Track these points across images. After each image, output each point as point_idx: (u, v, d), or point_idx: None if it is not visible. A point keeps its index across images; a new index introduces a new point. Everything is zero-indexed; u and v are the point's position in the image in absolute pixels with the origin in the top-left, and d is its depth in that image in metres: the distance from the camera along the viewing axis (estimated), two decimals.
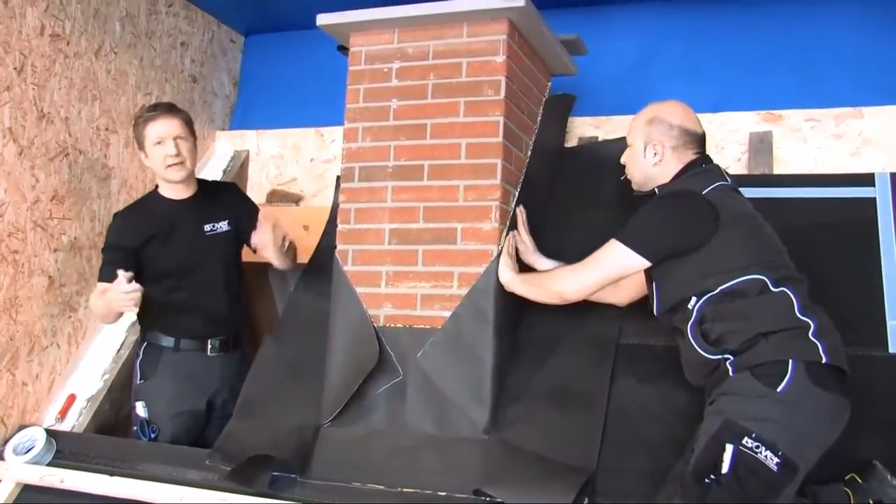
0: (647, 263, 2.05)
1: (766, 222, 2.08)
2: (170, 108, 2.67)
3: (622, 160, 2.29)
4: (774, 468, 1.77)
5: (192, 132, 2.70)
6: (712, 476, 1.80)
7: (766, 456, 1.77)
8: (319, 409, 2.43)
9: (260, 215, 2.73)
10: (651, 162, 2.17)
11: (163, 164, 2.63)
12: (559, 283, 2.19)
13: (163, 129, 2.61)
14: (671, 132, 2.16)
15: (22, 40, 2.79)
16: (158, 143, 2.61)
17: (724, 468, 1.79)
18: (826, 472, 1.92)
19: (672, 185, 2.15)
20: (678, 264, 2.02)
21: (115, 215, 2.76)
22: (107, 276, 2.55)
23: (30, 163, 2.82)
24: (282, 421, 2.48)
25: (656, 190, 2.20)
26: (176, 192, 2.72)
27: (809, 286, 2.00)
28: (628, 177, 2.28)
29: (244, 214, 2.81)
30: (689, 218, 2.02)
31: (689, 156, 2.16)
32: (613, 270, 2.09)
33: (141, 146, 2.67)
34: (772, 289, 1.93)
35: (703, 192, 2.04)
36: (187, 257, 2.70)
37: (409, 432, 2.33)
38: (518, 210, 2.47)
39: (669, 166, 2.16)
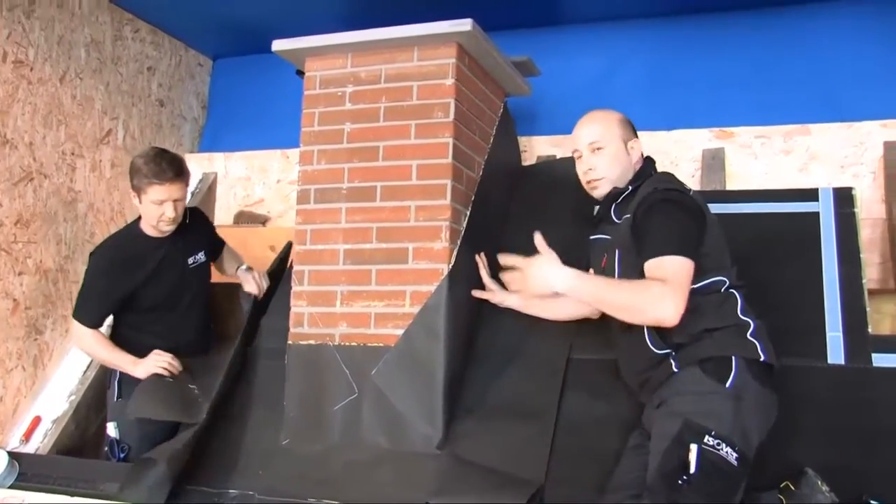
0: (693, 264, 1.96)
1: None
2: (178, 173, 2.59)
3: (591, 165, 2.22)
4: (735, 462, 1.82)
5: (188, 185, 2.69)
6: (684, 477, 1.83)
7: (726, 451, 1.82)
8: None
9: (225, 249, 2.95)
10: (634, 159, 2.22)
11: (155, 220, 2.63)
12: (658, 310, 1.91)
13: (167, 195, 2.58)
14: (633, 128, 2.26)
15: None
16: (158, 203, 2.59)
17: (692, 468, 1.82)
18: (764, 478, 1.98)
19: (656, 180, 2.12)
20: None
21: (102, 257, 2.67)
22: (93, 318, 2.64)
23: None
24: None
25: (629, 186, 2.17)
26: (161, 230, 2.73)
27: (755, 297, 2.06)
28: (596, 180, 2.22)
29: (213, 242, 2.94)
30: (699, 216, 2.04)
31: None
32: (688, 283, 1.93)
33: (136, 192, 2.61)
34: (725, 290, 2.00)
35: (691, 193, 2.10)
36: (171, 292, 2.73)
37: (365, 447, 2.37)
38: (478, 257, 2.51)
39: (637, 162, 2.24)
